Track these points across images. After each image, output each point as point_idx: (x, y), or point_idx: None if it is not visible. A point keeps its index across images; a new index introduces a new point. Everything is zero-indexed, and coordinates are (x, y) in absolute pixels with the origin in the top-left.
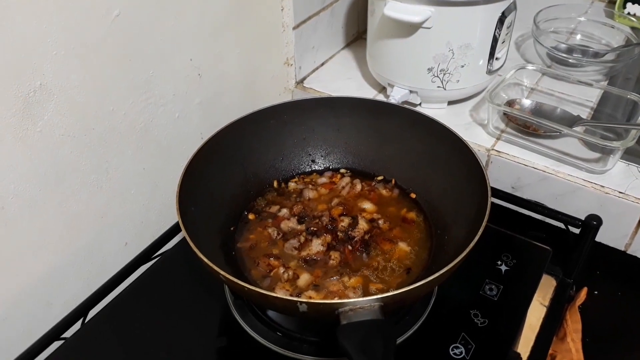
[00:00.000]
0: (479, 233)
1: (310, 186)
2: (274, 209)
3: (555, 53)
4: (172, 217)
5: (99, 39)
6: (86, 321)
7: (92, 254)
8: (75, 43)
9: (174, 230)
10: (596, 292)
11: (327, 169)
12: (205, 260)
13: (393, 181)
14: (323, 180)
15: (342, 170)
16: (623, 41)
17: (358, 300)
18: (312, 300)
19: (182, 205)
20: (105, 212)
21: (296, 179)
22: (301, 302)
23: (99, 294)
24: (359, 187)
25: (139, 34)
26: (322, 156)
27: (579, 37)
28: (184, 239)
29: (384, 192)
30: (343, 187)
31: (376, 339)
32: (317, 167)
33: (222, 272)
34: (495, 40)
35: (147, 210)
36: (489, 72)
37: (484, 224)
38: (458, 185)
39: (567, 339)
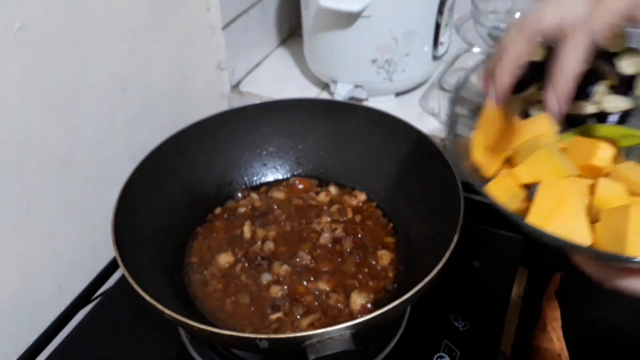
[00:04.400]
0: (454, 240)
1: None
2: (230, 225)
3: (497, 33)
4: (110, 250)
5: (0, 57)
6: None
7: (20, 304)
8: None
9: (113, 265)
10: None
11: (285, 179)
12: (149, 299)
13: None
14: (280, 193)
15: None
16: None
17: (326, 331)
18: (273, 336)
19: (119, 236)
20: (30, 255)
21: (248, 191)
22: (261, 339)
23: (32, 350)
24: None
25: (48, 49)
26: (277, 164)
27: (517, 15)
28: None
29: (353, 202)
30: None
31: None
32: (273, 177)
33: (167, 311)
34: (438, 24)
35: (79, 246)
36: (435, 58)
37: (458, 229)
38: (426, 188)
39: (547, 329)
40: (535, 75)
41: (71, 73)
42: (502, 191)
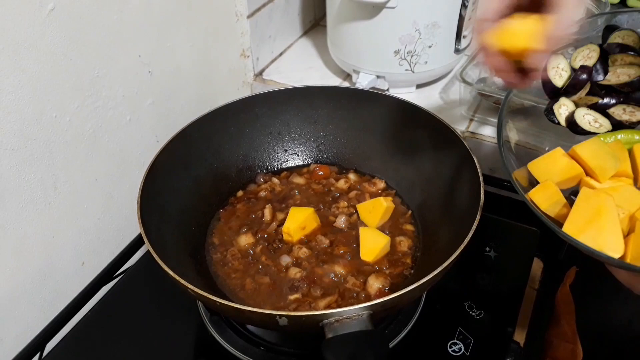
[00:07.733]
0: (474, 227)
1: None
2: (251, 207)
3: None
4: (132, 229)
5: (33, 36)
6: (44, 356)
7: (45, 279)
8: (6, 42)
9: (136, 244)
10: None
11: (305, 165)
12: (172, 274)
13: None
14: (300, 179)
15: (314, 166)
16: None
17: (344, 310)
18: (293, 313)
19: (144, 214)
20: (57, 231)
21: (269, 175)
22: (281, 316)
23: (56, 323)
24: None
25: (78, 30)
26: (299, 151)
27: None
28: (147, 252)
29: (372, 189)
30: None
31: (366, 352)
32: (294, 163)
33: (190, 287)
34: (461, 17)
35: (103, 224)
36: (457, 51)
37: (477, 217)
38: (446, 176)
39: (561, 322)
40: (588, 79)
41: (100, 55)
42: (544, 198)
